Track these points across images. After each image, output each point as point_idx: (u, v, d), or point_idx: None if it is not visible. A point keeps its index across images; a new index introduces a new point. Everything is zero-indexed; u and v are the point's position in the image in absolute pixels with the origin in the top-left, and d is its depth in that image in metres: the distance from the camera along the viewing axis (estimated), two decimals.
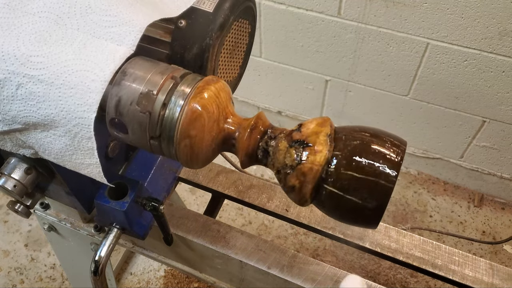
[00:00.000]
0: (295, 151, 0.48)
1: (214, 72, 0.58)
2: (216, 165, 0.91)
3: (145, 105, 0.48)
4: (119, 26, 0.48)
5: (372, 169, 0.46)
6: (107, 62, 0.47)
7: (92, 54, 0.47)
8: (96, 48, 0.48)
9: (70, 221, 0.85)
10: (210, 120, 0.49)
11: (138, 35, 0.48)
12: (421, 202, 1.68)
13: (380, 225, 0.80)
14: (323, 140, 0.48)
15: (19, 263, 1.53)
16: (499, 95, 1.36)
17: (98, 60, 0.47)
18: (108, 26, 0.49)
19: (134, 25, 0.48)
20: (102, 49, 0.48)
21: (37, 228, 1.59)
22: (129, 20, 0.49)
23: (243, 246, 0.78)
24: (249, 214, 1.63)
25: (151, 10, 0.52)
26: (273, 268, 0.76)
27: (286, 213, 0.85)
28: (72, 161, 0.51)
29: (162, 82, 0.49)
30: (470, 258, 0.78)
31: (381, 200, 0.46)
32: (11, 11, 0.48)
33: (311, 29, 1.44)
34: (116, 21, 0.49)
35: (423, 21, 1.27)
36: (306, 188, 0.48)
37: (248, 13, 0.62)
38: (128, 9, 0.49)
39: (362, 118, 1.64)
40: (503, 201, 1.67)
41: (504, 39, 1.22)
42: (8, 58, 0.46)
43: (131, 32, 0.48)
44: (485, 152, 1.56)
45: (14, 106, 0.48)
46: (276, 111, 1.79)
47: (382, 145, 0.47)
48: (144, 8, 0.51)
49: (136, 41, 0.48)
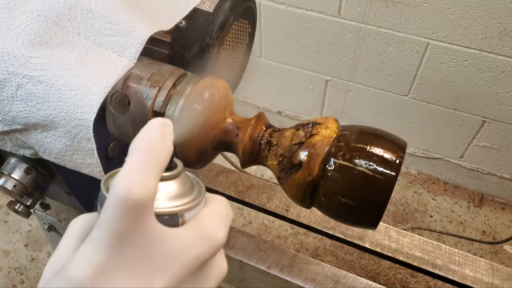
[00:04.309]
0: (303, 131, 0.48)
1: (214, 72, 0.58)
2: (216, 165, 0.91)
3: (156, 81, 0.48)
4: (120, 36, 0.49)
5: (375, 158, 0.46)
6: (110, 71, 0.47)
7: (94, 62, 0.48)
8: (98, 56, 0.48)
9: (70, 221, 0.85)
10: (210, 119, 0.49)
11: (139, 47, 0.49)
12: (421, 202, 1.68)
13: (380, 225, 0.80)
14: (333, 120, 0.49)
15: (19, 263, 1.53)
16: (499, 95, 1.36)
17: (101, 68, 0.47)
18: (109, 35, 0.49)
19: (135, 36, 0.49)
20: (104, 58, 0.48)
21: (37, 228, 1.59)
22: (130, 31, 0.49)
23: (243, 246, 0.78)
24: (249, 214, 1.63)
25: (150, 20, 0.52)
26: (273, 268, 0.76)
27: (286, 213, 0.85)
28: (73, 161, 0.51)
29: (161, 83, 0.49)
30: (470, 258, 0.78)
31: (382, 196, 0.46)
32: (10, 11, 0.48)
33: (311, 29, 1.44)
34: (117, 30, 0.49)
35: (423, 21, 1.27)
36: (315, 162, 0.46)
37: (248, 13, 0.62)
38: (129, 17, 0.49)
39: (362, 118, 1.64)
40: (503, 201, 1.67)
41: (504, 39, 1.22)
42: (8, 58, 0.46)
43: (133, 45, 0.49)
44: (485, 152, 1.56)
45: (14, 107, 0.48)
46: (276, 111, 1.79)
47: (382, 145, 0.47)
48: (144, 17, 0.51)
49: (137, 54, 0.49)
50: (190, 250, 0.27)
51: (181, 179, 0.29)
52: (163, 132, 0.27)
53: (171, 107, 0.48)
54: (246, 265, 0.77)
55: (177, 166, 0.29)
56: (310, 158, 0.46)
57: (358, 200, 0.46)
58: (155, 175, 0.26)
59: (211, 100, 0.49)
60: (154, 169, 0.26)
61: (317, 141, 0.46)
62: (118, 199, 0.24)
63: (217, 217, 0.29)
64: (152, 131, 0.26)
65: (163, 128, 0.27)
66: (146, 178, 0.25)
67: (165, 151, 0.27)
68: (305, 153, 0.46)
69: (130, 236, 0.25)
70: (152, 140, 0.26)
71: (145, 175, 0.25)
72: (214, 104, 0.49)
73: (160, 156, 0.26)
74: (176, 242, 0.27)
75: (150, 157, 0.26)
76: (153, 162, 0.26)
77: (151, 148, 0.26)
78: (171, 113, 0.48)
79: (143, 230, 0.25)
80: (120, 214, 0.24)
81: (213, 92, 0.50)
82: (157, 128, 0.26)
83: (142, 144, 0.26)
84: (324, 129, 0.47)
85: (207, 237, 0.28)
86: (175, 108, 0.48)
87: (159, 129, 0.26)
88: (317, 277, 0.75)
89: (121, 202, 0.24)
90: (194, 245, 0.27)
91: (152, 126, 0.27)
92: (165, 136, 0.27)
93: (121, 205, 0.24)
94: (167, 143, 0.27)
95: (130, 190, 0.24)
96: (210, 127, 0.49)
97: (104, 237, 0.25)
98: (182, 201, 0.28)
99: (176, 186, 0.29)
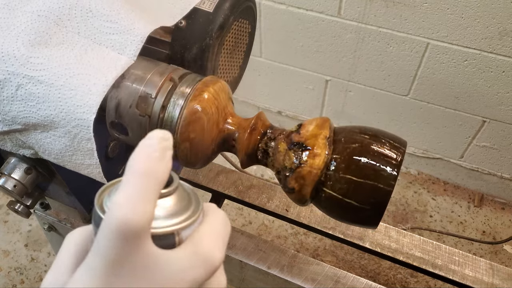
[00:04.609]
0: (294, 154, 0.48)
1: (214, 72, 0.58)
2: (216, 165, 0.91)
3: (144, 108, 0.48)
4: (120, 34, 0.49)
5: (371, 172, 0.46)
6: (110, 69, 0.47)
7: (93, 60, 0.47)
8: (98, 54, 0.48)
9: (70, 221, 0.85)
10: (209, 121, 0.49)
11: (139, 45, 0.49)
12: (421, 202, 1.68)
13: (380, 225, 0.80)
14: (322, 143, 0.47)
15: (19, 263, 1.53)
16: (499, 95, 1.36)
17: (100, 66, 0.47)
18: (109, 33, 0.49)
19: (135, 34, 0.49)
20: (104, 56, 0.48)
21: (37, 228, 1.59)
22: (130, 28, 0.49)
23: (243, 246, 0.78)
24: (249, 214, 1.63)
25: (151, 17, 0.52)
26: (273, 268, 0.76)
27: (286, 213, 0.85)
28: (72, 162, 0.51)
29: (161, 84, 0.49)
30: (470, 258, 0.78)
31: (381, 202, 0.46)
32: (10, 11, 0.48)
33: (311, 29, 1.44)
34: (117, 28, 0.49)
35: (423, 21, 1.27)
36: (305, 191, 0.48)
37: (248, 13, 0.62)
38: (128, 15, 0.49)
39: (362, 118, 1.64)
40: (503, 201, 1.67)
41: (504, 39, 1.22)
42: (8, 59, 0.46)
43: (132, 42, 0.49)
44: (485, 152, 1.56)
45: (14, 107, 0.48)
46: (276, 111, 1.79)
47: (381, 148, 0.47)
48: (144, 15, 0.51)
49: (137, 51, 0.49)
50: (188, 275, 0.26)
51: (178, 194, 0.28)
52: (162, 148, 0.25)
53: (170, 108, 0.48)
54: (246, 265, 0.77)
55: (173, 181, 0.28)
56: (301, 187, 0.48)
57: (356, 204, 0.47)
58: (153, 199, 0.25)
59: (211, 101, 0.49)
60: (152, 192, 0.25)
61: (306, 172, 0.47)
62: (113, 226, 0.24)
63: (214, 236, 0.28)
64: (151, 148, 0.25)
65: (162, 143, 0.26)
66: (143, 204, 0.24)
67: (164, 170, 0.26)
68: (295, 182, 0.48)
69: (126, 263, 0.25)
70: (151, 159, 0.25)
71: (142, 201, 0.24)
72: (213, 104, 0.49)
73: (159, 176, 0.25)
74: (173, 266, 0.26)
75: (149, 179, 0.25)
76: (151, 185, 0.25)
77: (149, 169, 0.25)
78: (171, 115, 0.48)
79: (139, 257, 0.25)
80: (116, 242, 0.24)
81: (212, 93, 0.50)
82: (156, 144, 0.25)
83: (140, 165, 0.25)
84: (312, 159, 0.47)
85: (205, 259, 0.27)
86: (174, 109, 0.48)
87: (158, 145, 0.25)
88: (317, 277, 0.75)
89: (116, 230, 0.24)
90: (192, 269, 0.26)
91: (151, 142, 0.25)
92: (164, 153, 0.26)
93: (116, 233, 0.24)
94: (166, 161, 0.26)
95: (126, 218, 0.24)
96: (210, 128, 0.49)
97: (100, 264, 0.24)
98: (178, 219, 0.27)
99: (172, 202, 0.28)
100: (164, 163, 0.25)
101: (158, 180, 0.25)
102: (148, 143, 0.25)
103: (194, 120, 0.48)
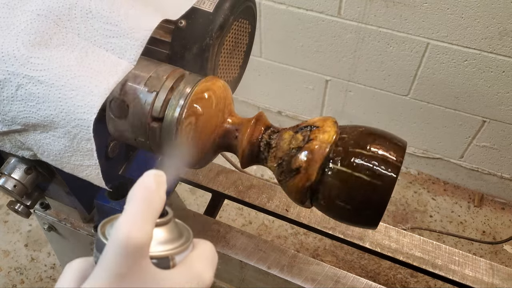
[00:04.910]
0: (301, 134, 0.48)
1: (214, 72, 0.58)
2: (216, 165, 0.91)
3: (153, 85, 0.48)
4: (120, 37, 0.49)
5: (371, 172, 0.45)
6: (111, 73, 0.47)
7: (94, 63, 0.47)
8: (98, 58, 0.48)
9: (70, 221, 0.85)
10: (210, 121, 0.49)
11: (139, 49, 0.49)
12: (421, 202, 1.68)
13: (380, 225, 0.80)
14: (331, 123, 0.48)
15: (19, 263, 1.53)
16: (499, 95, 1.36)
17: (101, 69, 0.47)
18: (109, 36, 0.49)
19: (135, 38, 0.49)
20: (104, 60, 0.48)
21: (37, 228, 1.59)
22: (130, 32, 0.49)
23: (243, 246, 0.78)
24: (249, 214, 1.63)
25: (153, 10, 0.52)
26: (273, 268, 0.76)
27: (286, 213, 0.85)
28: (71, 163, 0.50)
29: (161, 83, 0.49)
30: (470, 258, 0.78)
31: (381, 202, 0.46)
32: (10, 11, 0.48)
33: (311, 29, 1.44)
34: (117, 31, 0.49)
35: (423, 21, 1.27)
36: (313, 167, 0.46)
37: (248, 13, 0.62)
38: (128, 17, 0.49)
39: (362, 118, 1.64)
40: (503, 201, 1.67)
41: (504, 39, 1.22)
42: (8, 59, 0.46)
43: (132, 47, 0.49)
44: (485, 152, 1.56)
45: (14, 107, 0.48)
46: (276, 111, 1.79)
47: (382, 147, 0.47)
48: (146, 9, 0.51)
49: (137, 56, 0.49)
50: None
51: (171, 226, 0.32)
52: (158, 182, 0.30)
53: (170, 110, 0.48)
54: (246, 265, 0.77)
55: (168, 213, 0.32)
56: (308, 164, 0.46)
57: (358, 202, 0.46)
58: (152, 221, 0.29)
59: (211, 101, 0.49)
60: (151, 216, 0.29)
61: (315, 146, 0.46)
62: (119, 242, 0.27)
63: (204, 260, 0.32)
64: (148, 181, 0.30)
65: (157, 178, 0.30)
66: (144, 224, 0.28)
67: (160, 199, 0.30)
68: (303, 158, 0.46)
69: (128, 276, 0.28)
70: (149, 189, 0.29)
71: (143, 221, 0.28)
72: (213, 104, 0.49)
73: (156, 203, 0.29)
74: (170, 281, 0.30)
75: (147, 205, 0.29)
76: (150, 209, 0.29)
77: (148, 197, 0.29)
78: (170, 116, 0.48)
79: (140, 271, 0.28)
80: (121, 256, 0.27)
81: (212, 93, 0.49)
82: (152, 178, 0.30)
83: (139, 194, 0.29)
84: (322, 134, 0.47)
85: (197, 277, 0.31)
86: (174, 110, 0.48)
87: (154, 180, 0.30)
88: (317, 277, 0.75)
89: (122, 245, 0.27)
90: (186, 284, 0.30)
91: (148, 178, 0.30)
92: (159, 186, 0.30)
93: (122, 248, 0.27)
94: (161, 192, 0.30)
95: (130, 234, 0.27)
96: (210, 128, 0.49)
97: (106, 276, 0.28)
98: (172, 245, 0.31)
99: (167, 231, 0.32)
100: (160, 193, 0.30)
101: (155, 206, 0.30)
102: (145, 178, 0.30)
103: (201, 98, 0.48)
